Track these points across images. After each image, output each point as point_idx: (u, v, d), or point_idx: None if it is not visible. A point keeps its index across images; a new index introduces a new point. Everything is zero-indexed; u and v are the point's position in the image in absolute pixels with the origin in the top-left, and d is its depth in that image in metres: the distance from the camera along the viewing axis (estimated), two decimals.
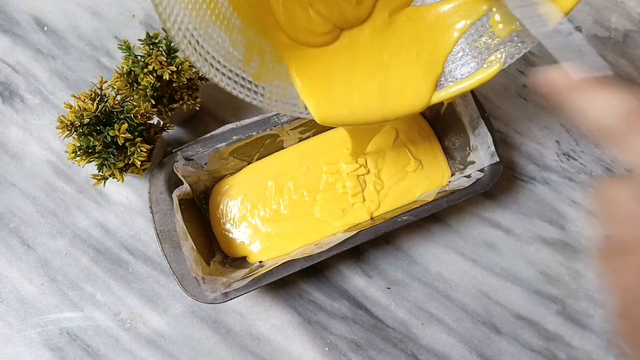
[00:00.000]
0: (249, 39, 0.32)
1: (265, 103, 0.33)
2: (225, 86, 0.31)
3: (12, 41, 0.56)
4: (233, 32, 0.30)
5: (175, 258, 0.43)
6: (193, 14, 0.27)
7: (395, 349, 0.48)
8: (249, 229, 0.49)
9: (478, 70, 0.34)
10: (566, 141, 0.53)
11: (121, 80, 0.44)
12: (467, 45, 0.35)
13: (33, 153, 0.53)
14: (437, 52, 0.36)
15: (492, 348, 0.48)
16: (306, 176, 0.50)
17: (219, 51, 0.30)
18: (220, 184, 0.50)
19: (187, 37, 0.27)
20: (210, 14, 0.29)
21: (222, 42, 0.30)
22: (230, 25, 0.30)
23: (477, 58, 0.35)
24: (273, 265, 0.43)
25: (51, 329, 0.48)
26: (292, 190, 0.50)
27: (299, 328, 0.48)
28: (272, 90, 0.34)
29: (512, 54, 0.33)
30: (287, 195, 0.49)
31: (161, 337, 0.48)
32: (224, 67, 0.30)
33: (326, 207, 0.49)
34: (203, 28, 0.28)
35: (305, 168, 0.50)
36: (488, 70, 0.34)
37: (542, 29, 0.24)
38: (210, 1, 0.29)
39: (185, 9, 0.27)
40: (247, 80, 0.32)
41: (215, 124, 0.53)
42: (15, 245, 0.50)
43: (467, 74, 0.35)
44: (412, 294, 0.49)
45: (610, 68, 0.21)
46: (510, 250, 0.50)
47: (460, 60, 0.35)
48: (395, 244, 0.50)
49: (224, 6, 0.30)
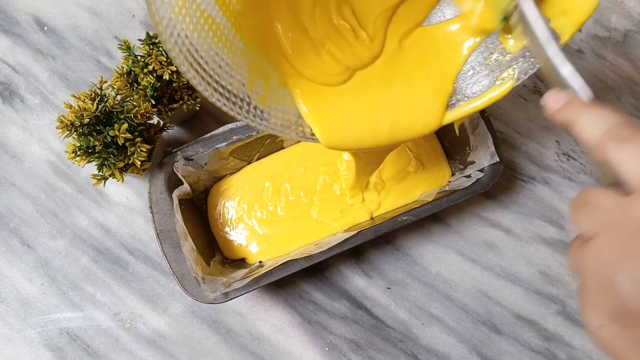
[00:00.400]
0: (253, 62, 0.31)
1: (270, 128, 0.32)
2: (228, 111, 0.30)
3: (12, 41, 0.56)
4: (236, 55, 0.29)
5: (175, 258, 0.43)
6: (195, 35, 0.26)
7: (395, 349, 0.48)
8: (246, 230, 0.49)
9: (491, 87, 0.34)
10: (566, 141, 0.53)
11: (121, 80, 0.44)
12: (478, 63, 0.34)
13: (33, 153, 0.53)
14: (447, 71, 0.35)
15: (492, 348, 0.48)
16: (304, 177, 0.50)
17: (221, 74, 0.29)
18: (218, 184, 0.50)
19: (189, 59, 0.26)
20: (212, 35, 0.28)
21: (224, 66, 0.29)
22: (233, 48, 0.29)
23: (489, 76, 0.34)
24: (273, 265, 0.43)
25: (51, 329, 0.48)
26: (289, 191, 0.49)
27: (299, 328, 0.48)
28: (277, 115, 0.32)
29: (525, 69, 0.32)
30: (283, 197, 0.49)
31: (161, 337, 0.48)
32: (228, 91, 0.29)
33: (324, 209, 0.49)
34: (205, 50, 0.27)
35: (303, 169, 0.50)
36: (501, 88, 0.33)
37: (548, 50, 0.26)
38: (212, 23, 0.28)
39: (186, 29, 0.26)
40: (251, 105, 0.31)
41: (215, 124, 0.53)
42: (15, 245, 0.50)
43: (479, 92, 0.34)
44: (412, 294, 0.49)
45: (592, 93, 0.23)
46: (510, 250, 0.50)
47: (472, 79, 0.35)
48: (395, 244, 0.50)
49: (227, 28, 0.29)
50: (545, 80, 0.55)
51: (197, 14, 0.26)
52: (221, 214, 0.49)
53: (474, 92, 0.35)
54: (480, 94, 0.34)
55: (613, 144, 0.20)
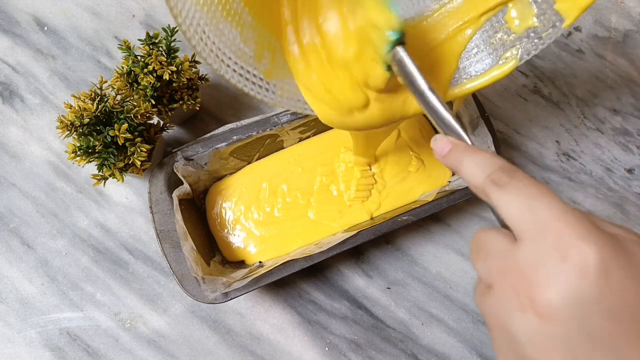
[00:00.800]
0: (260, 36, 0.32)
1: (276, 100, 0.33)
2: (236, 83, 0.30)
3: (12, 41, 0.56)
4: (244, 29, 0.30)
5: (175, 258, 0.43)
6: (204, 9, 0.27)
7: (395, 349, 0.48)
8: (243, 232, 0.48)
9: (493, 66, 0.34)
10: (566, 141, 0.53)
11: (121, 80, 0.44)
12: (482, 41, 0.35)
13: (33, 153, 0.53)
14: (451, 48, 0.35)
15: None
16: (301, 178, 0.50)
17: (230, 47, 0.29)
18: (217, 184, 0.50)
19: (199, 33, 0.27)
20: (221, 9, 0.28)
21: (233, 39, 0.29)
22: (241, 21, 0.30)
23: (492, 54, 0.34)
24: (273, 265, 0.43)
25: (51, 329, 0.48)
26: (286, 192, 0.49)
27: (299, 328, 0.48)
28: (283, 87, 0.33)
29: (529, 50, 0.33)
30: (280, 198, 0.49)
31: (161, 337, 0.48)
32: (235, 63, 0.30)
33: (321, 209, 0.49)
34: (214, 24, 0.28)
35: (301, 169, 0.50)
36: (503, 67, 0.34)
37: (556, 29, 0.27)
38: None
39: (196, 4, 0.27)
40: (258, 77, 0.32)
41: (215, 124, 0.53)
42: (15, 245, 0.50)
43: (482, 70, 0.35)
44: (412, 294, 0.49)
45: (469, 138, 0.25)
46: None
47: (475, 57, 0.35)
48: (395, 244, 0.50)
49: (235, 2, 0.29)
50: (545, 80, 0.55)
51: None
52: (219, 214, 0.49)
53: (477, 70, 0.35)
54: (483, 72, 0.35)
55: (494, 188, 0.21)
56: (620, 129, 0.54)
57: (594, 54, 0.55)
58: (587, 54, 0.55)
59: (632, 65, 0.55)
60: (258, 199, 0.49)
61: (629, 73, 0.55)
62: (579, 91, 0.55)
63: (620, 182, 0.52)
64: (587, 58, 0.55)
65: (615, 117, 0.54)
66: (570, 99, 0.54)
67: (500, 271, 0.20)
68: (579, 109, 0.54)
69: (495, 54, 0.34)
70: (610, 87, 0.55)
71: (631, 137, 0.53)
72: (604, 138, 0.54)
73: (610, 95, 0.55)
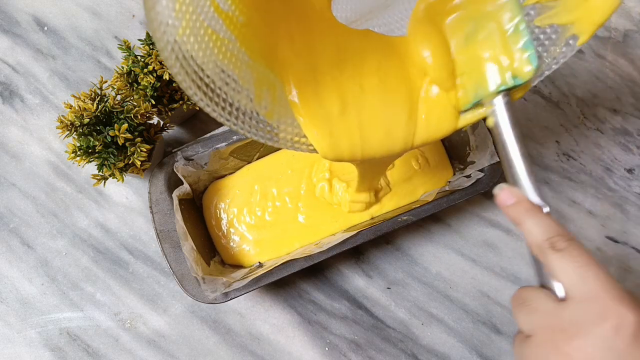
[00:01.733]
0: (259, 74, 0.30)
1: (281, 143, 0.32)
2: (238, 129, 0.29)
3: (12, 41, 0.56)
4: (242, 69, 0.29)
5: (175, 258, 0.43)
6: (200, 55, 0.26)
7: (395, 349, 0.48)
8: (237, 235, 0.48)
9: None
10: (566, 141, 0.53)
11: (121, 80, 0.44)
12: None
13: (33, 153, 0.53)
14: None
15: (492, 348, 0.48)
16: (290, 181, 0.49)
17: (228, 92, 0.28)
18: (213, 184, 0.49)
19: (196, 81, 0.26)
20: (217, 52, 0.27)
21: (231, 82, 0.28)
22: (238, 62, 0.28)
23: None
24: (273, 265, 0.43)
25: (51, 329, 0.48)
26: (276, 196, 0.49)
27: (299, 328, 0.48)
28: (286, 130, 0.32)
29: (542, 70, 0.31)
30: (270, 202, 0.48)
31: (161, 337, 0.48)
32: (236, 109, 0.29)
33: (311, 215, 0.48)
34: (211, 69, 0.27)
35: (291, 171, 0.49)
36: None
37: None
38: (217, 38, 0.27)
39: (191, 50, 0.25)
40: (260, 121, 0.30)
41: (215, 124, 0.53)
42: (15, 245, 0.50)
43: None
44: (412, 294, 0.49)
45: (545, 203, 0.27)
46: (510, 250, 0.50)
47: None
48: (395, 244, 0.50)
49: (231, 42, 0.28)
50: (545, 80, 0.55)
51: (201, 31, 0.26)
52: (214, 215, 0.49)
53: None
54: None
55: (552, 252, 0.24)
56: (620, 129, 0.54)
57: (594, 54, 0.55)
58: (587, 54, 0.55)
59: (632, 65, 0.55)
60: (250, 202, 0.49)
61: (629, 73, 0.55)
62: (579, 91, 0.55)
63: (620, 182, 0.52)
64: (587, 58, 0.55)
65: (615, 117, 0.54)
66: (570, 99, 0.54)
67: (544, 325, 0.23)
68: (579, 109, 0.54)
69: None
70: (610, 87, 0.55)
71: (631, 137, 0.53)
72: (604, 138, 0.54)
73: (610, 95, 0.55)
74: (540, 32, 0.30)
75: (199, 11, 0.25)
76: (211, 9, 0.26)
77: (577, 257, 0.23)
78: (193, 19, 0.25)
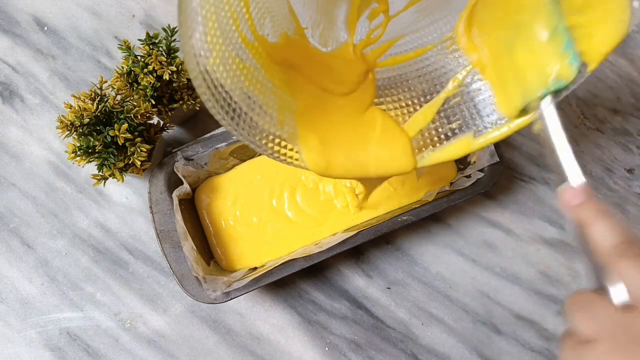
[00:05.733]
0: (281, 101, 0.32)
1: (304, 166, 0.34)
2: (263, 152, 0.31)
3: (12, 41, 0.56)
4: (266, 96, 0.31)
5: (175, 258, 0.43)
6: (228, 82, 0.28)
7: (395, 349, 0.48)
8: (225, 238, 0.48)
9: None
10: None
11: (121, 80, 0.44)
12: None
13: (33, 153, 0.53)
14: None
15: (492, 348, 0.48)
16: (258, 188, 0.49)
17: (253, 117, 0.30)
18: (202, 186, 0.49)
19: (225, 107, 0.28)
20: (243, 79, 0.29)
21: (256, 107, 0.30)
22: (263, 89, 0.31)
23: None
24: (273, 265, 0.43)
25: (51, 329, 0.48)
26: (245, 203, 0.48)
27: (299, 328, 0.48)
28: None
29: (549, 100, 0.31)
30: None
31: (161, 337, 0.48)
32: (261, 132, 0.31)
33: (311, 215, 0.48)
34: (237, 95, 0.29)
35: (261, 176, 0.49)
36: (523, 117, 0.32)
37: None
38: (244, 67, 0.29)
39: (220, 77, 0.27)
40: (282, 145, 0.32)
41: (215, 124, 0.53)
42: (15, 245, 0.50)
43: (496, 120, 0.34)
44: (412, 294, 0.49)
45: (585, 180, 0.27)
46: (510, 250, 0.50)
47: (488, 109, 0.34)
48: (395, 244, 0.50)
49: (257, 70, 0.30)
50: None
51: (230, 60, 0.28)
52: (208, 215, 0.48)
53: (492, 121, 0.34)
54: (503, 123, 0.34)
55: (621, 258, 0.23)
56: (620, 129, 0.54)
57: None
58: None
59: (632, 65, 0.55)
60: (227, 206, 0.48)
61: (629, 73, 0.55)
62: (579, 91, 0.55)
63: (620, 182, 0.52)
64: None
65: (615, 117, 0.54)
66: (570, 99, 0.54)
67: (611, 331, 0.23)
68: (579, 109, 0.54)
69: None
70: (610, 87, 0.55)
71: (631, 137, 0.53)
72: (604, 138, 0.54)
73: (610, 95, 0.55)
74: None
75: (227, 42, 0.28)
76: (239, 40, 0.29)
77: None
78: (222, 49, 0.27)
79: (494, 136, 0.34)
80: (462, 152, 0.35)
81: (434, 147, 0.36)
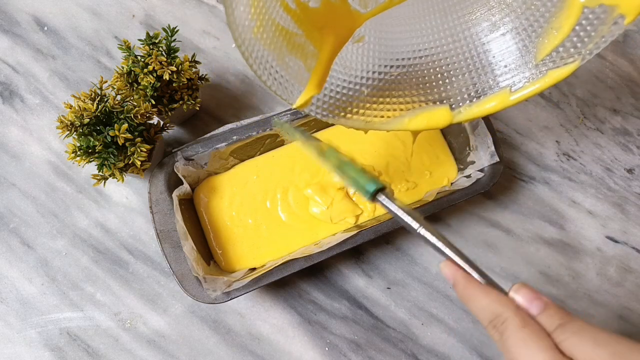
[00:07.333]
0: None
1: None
2: (309, 111, 0.34)
3: (12, 41, 0.56)
4: (308, 58, 0.33)
5: (175, 258, 0.43)
6: (272, 48, 0.30)
7: (395, 349, 0.48)
8: (223, 239, 0.48)
9: (553, 69, 0.33)
10: (566, 141, 0.53)
11: (121, 80, 0.44)
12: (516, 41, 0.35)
13: (33, 153, 0.53)
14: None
15: (492, 348, 0.48)
16: (254, 188, 0.49)
17: (296, 78, 0.32)
18: (203, 184, 0.49)
19: (268, 69, 0.30)
20: (286, 44, 0.31)
21: (298, 69, 0.32)
22: (305, 52, 0.33)
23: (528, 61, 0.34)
24: (273, 265, 0.43)
25: (51, 329, 0.48)
26: (241, 204, 0.48)
27: (299, 328, 0.48)
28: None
29: (591, 49, 0.31)
30: (238, 210, 0.48)
31: (161, 337, 0.48)
32: (300, 92, 0.33)
33: (293, 217, 0.48)
34: (281, 58, 0.31)
35: (256, 177, 0.49)
36: (563, 69, 0.33)
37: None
38: (286, 33, 0.31)
39: (264, 44, 0.30)
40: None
41: (215, 124, 0.53)
42: (15, 245, 0.50)
43: (522, 80, 0.34)
44: (412, 294, 0.49)
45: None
46: (510, 250, 0.50)
47: (509, 66, 0.35)
48: (395, 244, 0.50)
49: (298, 35, 0.32)
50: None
51: (272, 28, 0.30)
52: (205, 215, 0.48)
53: (516, 81, 0.35)
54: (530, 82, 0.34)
55: (496, 333, 0.25)
56: (620, 129, 0.54)
57: None
58: None
59: (632, 65, 0.55)
60: (225, 206, 0.48)
61: (629, 73, 0.55)
62: (579, 91, 0.55)
63: (620, 182, 0.52)
64: None
65: (615, 117, 0.54)
66: (570, 99, 0.54)
67: None
68: (579, 109, 0.54)
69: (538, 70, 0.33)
70: (610, 87, 0.55)
71: (631, 137, 0.53)
72: (604, 138, 0.54)
73: (610, 95, 0.55)
74: (589, 12, 0.31)
75: (270, 11, 0.30)
76: (281, 9, 0.31)
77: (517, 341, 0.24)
78: (265, 18, 0.30)
79: (529, 91, 0.34)
80: (497, 108, 0.35)
81: (470, 103, 0.36)
